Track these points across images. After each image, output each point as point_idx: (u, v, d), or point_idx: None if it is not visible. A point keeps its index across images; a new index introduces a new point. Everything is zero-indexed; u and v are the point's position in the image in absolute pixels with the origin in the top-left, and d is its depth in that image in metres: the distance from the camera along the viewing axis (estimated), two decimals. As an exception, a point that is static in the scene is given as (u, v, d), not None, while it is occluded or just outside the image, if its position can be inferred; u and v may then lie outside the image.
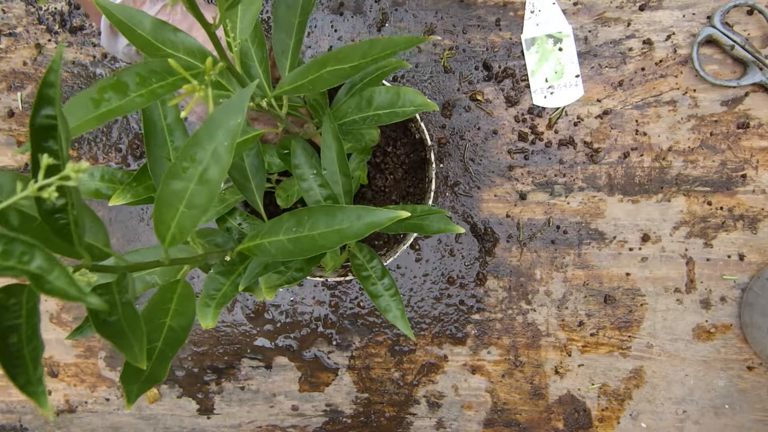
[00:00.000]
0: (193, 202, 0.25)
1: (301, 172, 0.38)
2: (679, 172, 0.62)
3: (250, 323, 0.64)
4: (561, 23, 0.61)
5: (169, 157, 0.32)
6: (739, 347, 0.62)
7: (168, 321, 0.27)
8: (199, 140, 0.24)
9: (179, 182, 0.25)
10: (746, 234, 0.62)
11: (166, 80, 0.25)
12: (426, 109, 0.37)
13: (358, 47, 0.29)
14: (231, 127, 0.24)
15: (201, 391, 0.65)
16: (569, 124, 0.62)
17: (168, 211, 0.25)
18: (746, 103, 0.61)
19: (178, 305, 0.28)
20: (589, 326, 0.63)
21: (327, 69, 0.29)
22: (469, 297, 0.63)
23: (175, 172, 0.25)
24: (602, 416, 0.64)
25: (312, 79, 0.30)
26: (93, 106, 0.24)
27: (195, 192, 0.25)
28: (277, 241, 0.30)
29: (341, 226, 0.29)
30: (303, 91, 0.31)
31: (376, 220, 0.29)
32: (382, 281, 0.40)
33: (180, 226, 0.25)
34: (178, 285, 0.28)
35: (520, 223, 0.62)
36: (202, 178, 0.25)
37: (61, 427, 0.66)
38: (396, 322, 0.39)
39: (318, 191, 0.38)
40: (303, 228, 0.29)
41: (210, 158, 0.24)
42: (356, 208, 0.29)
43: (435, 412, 0.64)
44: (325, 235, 0.29)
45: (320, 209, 0.30)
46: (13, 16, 0.63)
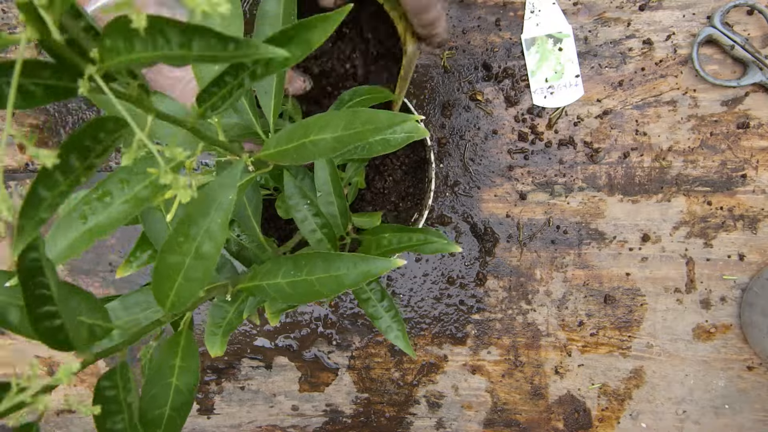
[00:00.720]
0: (190, 276, 0.25)
1: (294, 203, 0.38)
2: (679, 172, 0.62)
3: (250, 323, 0.64)
4: (561, 23, 0.61)
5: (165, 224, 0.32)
6: (739, 347, 0.62)
7: (174, 381, 0.27)
8: (193, 218, 0.24)
9: (175, 257, 0.25)
10: (746, 234, 0.62)
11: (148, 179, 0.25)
12: (419, 136, 0.37)
13: (341, 116, 0.28)
14: (224, 205, 0.24)
15: (201, 391, 0.65)
16: (569, 124, 0.62)
17: (166, 283, 0.25)
18: (746, 103, 0.61)
19: (183, 361, 0.28)
20: (589, 326, 0.63)
21: (310, 139, 0.28)
22: (469, 297, 0.63)
23: (171, 247, 0.25)
24: (602, 416, 0.64)
25: (296, 146, 0.29)
26: (82, 224, 0.24)
27: (191, 266, 0.25)
28: (275, 284, 0.30)
29: (338, 272, 0.29)
30: (288, 160, 0.29)
31: (373, 269, 0.29)
32: (382, 303, 0.40)
33: (179, 296, 0.25)
34: (181, 337, 0.28)
35: (520, 223, 0.62)
36: (197, 253, 0.25)
37: (61, 427, 0.66)
38: (397, 342, 0.39)
39: (312, 221, 0.38)
40: (301, 272, 0.29)
41: (204, 235, 0.24)
42: (353, 257, 0.29)
43: (435, 412, 0.64)
44: (322, 280, 0.29)
45: (318, 255, 0.30)
46: (13, 16, 0.63)
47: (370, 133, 0.27)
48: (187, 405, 0.27)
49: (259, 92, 0.35)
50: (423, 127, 0.37)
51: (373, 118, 0.27)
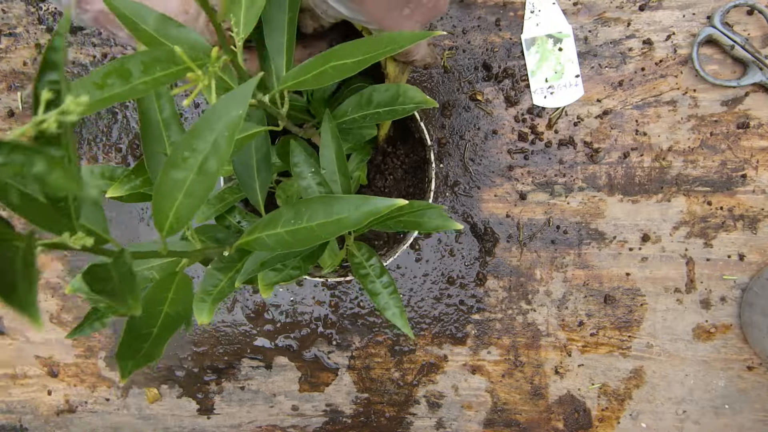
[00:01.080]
0: (192, 192, 0.25)
1: (300, 170, 0.38)
2: (679, 172, 0.62)
3: (250, 323, 0.64)
4: (561, 23, 0.61)
5: (165, 152, 0.32)
6: (739, 347, 0.62)
7: (165, 309, 0.28)
8: (200, 131, 0.24)
9: (179, 172, 0.25)
10: (746, 234, 0.62)
11: (170, 69, 0.25)
12: (426, 105, 0.37)
13: (362, 43, 0.29)
14: (232, 119, 0.24)
15: (201, 391, 0.65)
16: (569, 124, 0.62)
17: (166, 201, 0.25)
18: (746, 103, 0.61)
19: (176, 294, 0.28)
20: (589, 326, 0.63)
21: (330, 64, 0.29)
22: (469, 297, 0.63)
23: (175, 162, 0.25)
24: (602, 416, 0.64)
25: (316, 74, 0.30)
26: (96, 90, 0.24)
27: (194, 182, 0.25)
28: (275, 234, 0.30)
29: (339, 215, 0.29)
30: (307, 86, 0.31)
31: (374, 208, 0.29)
32: (381, 279, 0.40)
33: (178, 215, 0.25)
34: (176, 276, 0.29)
35: (520, 223, 0.62)
36: (201, 168, 0.25)
37: (61, 427, 0.66)
38: (395, 320, 0.39)
39: (316, 189, 0.38)
40: (301, 220, 0.29)
41: (210, 149, 0.24)
42: (354, 197, 0.29)
43: (435, 412, 0.64)
44: (323, 225, 0.29)
45: (318, 200, 0.30)
46: (13, 16, 0.63)
47: (390, 51, 0.28)
48: (174, 325, 0.27)
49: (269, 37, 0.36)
50: (431, 99, 0.37)
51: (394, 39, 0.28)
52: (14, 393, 0.66)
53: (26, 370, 0.66)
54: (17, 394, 0.66)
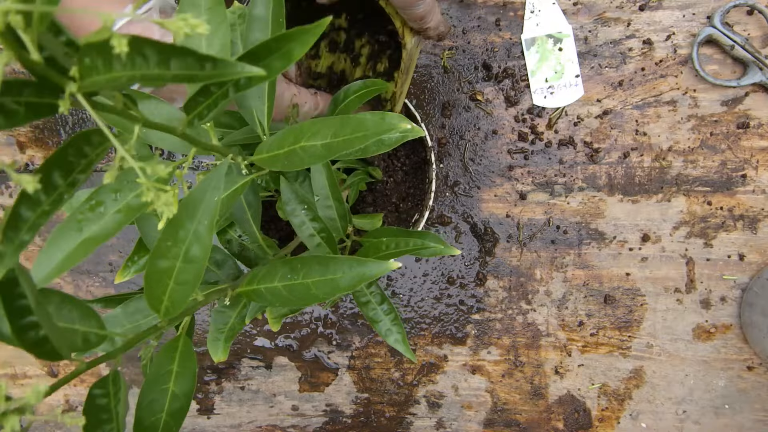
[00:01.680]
0: (181, 279, 0.25)
1: (291, 208, 0.37)
2: (679, 172, 0.62)
3: (250, 323, 0.64)
4: (561, 23, 0.61)
5: None
6: (739, 347, 0.62)
7: (171, 387, 0.27)
8: (180, 221, 0.24)
9: (165, 261, 0.25)
10: (746, 234, 0.62)
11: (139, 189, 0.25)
12: (413, 135, 0.37)
13: (330, 122, 0.28)
14: (210, 207, 0.24)
15: (201, 391, 0.65)
16: (569, 124, 0.62)
17: (158, 287, 0.25)
18: (746, 103, 0.61)
19: (180, 366, 0.28)
20: (589, 326, 0.63)
21: (300, 145, 0.28)
22: (469, 297, 0.63)
23: (160, 252, 0.25)
24: (602, 416, 0.64)
25: (287, 152, 0.29)
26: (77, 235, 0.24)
27: (181, 269, 0.25)
28: (273, 288, 0.30)
29: (334, 276, 0.29)
30: (279, 166, 0.30)
31: (368, 272, 0.29)
32: (382, 306, 0.40)
33: (172, 300, 0.25)
34: (179, 342, 0.28)
35: (520, 223, 0.62)
36: (186, 256, 0.25)
37: (61, 427, 0.66)
38: (397, 346, 0.39)
39: (310, 225, 0.37)
40: (297, 276, 0.29)
41: (192, 237, 0.25)
42: (348, 259, 0.29)
43: (435, 412, 0.64)
44: (318, 284, 0.29)
45: (313, 259, 0.30)
46: (13, 16, 0.63)
47: (358, 140, 0.27)
48: (183, 410, 0.27)
49: (252, 97, 0.35)
50: (418, 127, 0.37)
51: (361, 126, 0.27)
52: (14, 393, 0.66)
53: (26, 370, 0.66)
54: (17, 394, 0.66)
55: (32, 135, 0.64)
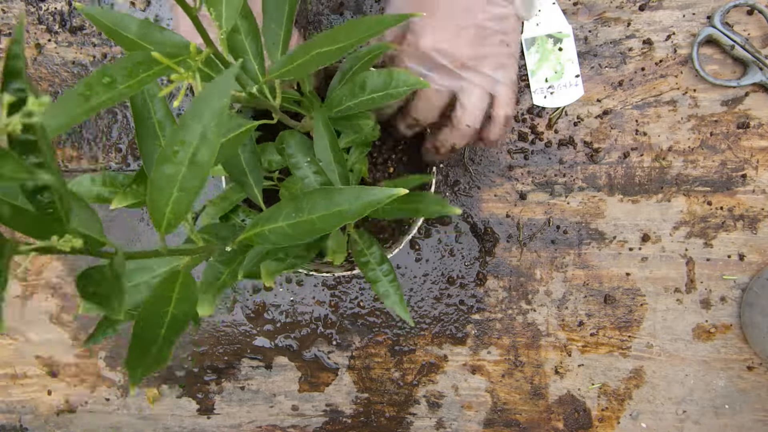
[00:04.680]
0: (186, 186, 0.25)
1: (296, 161, 0.38)
2: (679, 172, 0.62)
3: (250, 323, 0.64)
4: (561, 23, 0.61)
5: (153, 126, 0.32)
6: (739, 347, 0.62)
7: (171, 309, 0.28)
8: (187, 123, 0.25)
9: (170, 166, 0.25)
10: (746, 234, 0.62)
11: (152, 69, 0.26)
12: (419, 86, 0.37)
13: (344, 28, 0.29)
14: (217, 108, 0.24)
15: (201, 391, 0.65)
16: (569, 124, 0.62)
17: (162, 197, 0.25)
18: (746, 103, 0.61)
19: (180, 293, 0.28)
20: (589, 326, 0.63)
21: (314, 52, 0.30)
22: (469, 297, 0.63)
23: (166, 157, 0.25)
24: (602, 416, 0.64)
25: (301, 63, 0.30)
26: (83, 101, 0.24)
27: (187, 175, 0.25)
28: (276, 228, 0.30)
29: (340, 207, 0.29)
30: (293, 75, 0.31)
31: (374, 198, 0.29)
32: (381, 267, 0.40)
33: (175, 210, 0.25)
34: (179, 275, 0.28)
35: (520, 223, 0.62)
36: (192, 160, 0.25)
37: (61, 426, 0.66)
38: (394, 307, 0.39)
39: (313, 178, 0.38)
40: (302, 213, 0.30)
41: (199, 140, 0.25)
42: (354, 188, 0.29)
43: (435, 412, 0.64)
44: (324, 218, 0.29)
45: (318, 192, 0.30)
46: (13, 16, 0.63)
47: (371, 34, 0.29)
48: (182, 325, 0.27)
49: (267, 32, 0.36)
50: (424, 81, 0.37)
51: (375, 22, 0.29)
52: (14, 393, 0.66)
53: (26, 370, 0.66)
54: (17, 394, 0.66)
55: (32, 135, 0.64)
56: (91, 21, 0.29)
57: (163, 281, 0.28)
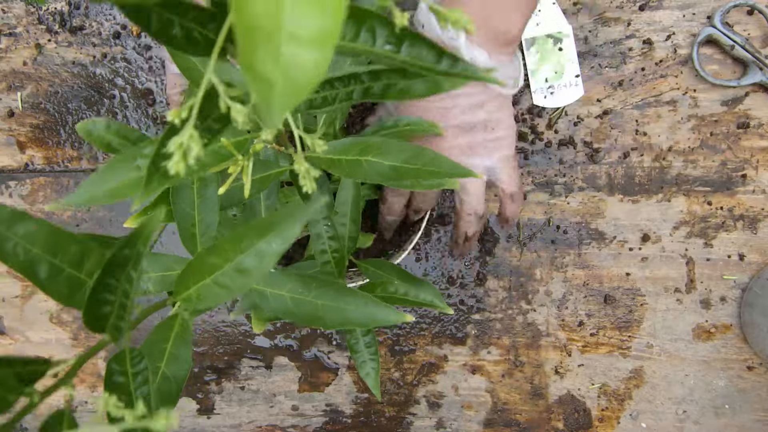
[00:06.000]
0: (222, 282, 0.24)
1: (315, 219, 0.37)
2: (679, 172, 0.62)
3: (250, 323, 0.64)
4: (561, 23, 0.61)
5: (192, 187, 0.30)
6: (739, 347, 0.62)
7: (162, 367, 0.26)
8: (247, 234, 0.24)
9: (215, 258, 0.24)
10: (746, 234, 0.62)
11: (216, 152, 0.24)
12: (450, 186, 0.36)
13: (403, 147, 0.27)
14: (285, 235, 0.23)
15: (201, 391, 0.65)
16: (569, 124, 0.62)
17: (191, 278, 0.24)
18: (746, 103, 0.61)
19: (174, 348, 0.27)
20: (589, 326, 0.63)
21: (366, 158, 0.28)
22: (469, 297, 0.63)
23: (216, 249, 0.24)
24: (602, 416, 0.64)
25: (350, 161, 0.28)
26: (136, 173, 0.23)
27: (227, 274, 0.24)
28: (279, 296, 0.29)
29: (347, 306, 0.28)
30: (338, 171, 0.29)
31: (381, 317, 0.28)
32: (365, 338, 0.39)
33: (199, 294, 0.25)
34: (175, 322, 0.27)
35: (520, 223, 0.62)
36: (238, 265, 0.24)
37: (61, 427, 0.66)
38: (368, 380, 0.39)
39: (327, 242, 0.37)
40: (308, 293, 0.29)
41: (252, 252, 0.24)
42: (364, 297, 0.28)
43: (435, 412, 0.64)
44: (327, 308, 0.28)
45: (329, 283, 0.29)
46: (13, 16, 0.63)
47: (427, 174, 0.26)
48: (173, 396, 0.26)
49: None
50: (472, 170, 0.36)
51: (436, 161, 0.27)
52: (14, 393, 0.66)
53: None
54: (17, 394, 0.66)
55: (32, 135, 0.64)
56: None
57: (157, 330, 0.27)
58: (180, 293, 0.25)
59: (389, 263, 0.42)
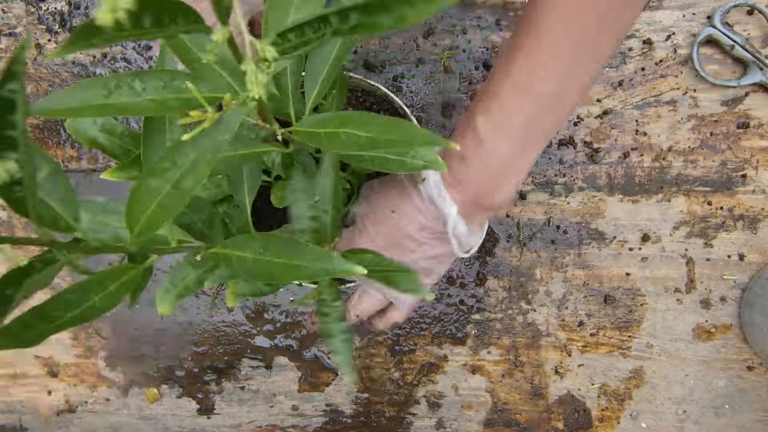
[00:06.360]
0: (165, 203, 0.25)
1: (295, 198, 0.37)
2: (679, 172, 0.62)
3: (250, 323, 0.64)
4: (561, 23, 0.61)
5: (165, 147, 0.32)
6: (739, 347, 0.63)
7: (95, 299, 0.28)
8: (184, 147, 0.25)
9: (156, 180, 0.25)
10: (746, 234, 0.62)
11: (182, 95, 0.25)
12: (436, 169, 0.36)
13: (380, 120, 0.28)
14: (216, 143, 0.24)
15: (201, 391, 0.65)
16: (569, 124, 0.62)
17: (139, 206, 0.25)
18: (746, 103, 0.61)
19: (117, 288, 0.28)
20: (589, 326, 0.63)
21: (345, 130, 0.29)
22: (469, 297, 0.63)
23: (155, 171, 0.25)
24: (602, 416, 0.64)
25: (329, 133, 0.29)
26: (103, 95, 0.24)
27: (169, 194, 0.25)
28: (243, 257, 0.30)
29: (300, 263, 0.29)
30: (315, 143, 0.30)
31: (330, 267, 0.28)
32: (339, 324, 0.39)
33: (149, 222, 0.26)
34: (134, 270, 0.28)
35: (520, 223, 0.63)
36: (177, 183, 0.25)
37: (61, 426, 0.66)
38: (342, 367, 0.39)
39: (307, 221, 0.37)
40: (269, 253, 0.29)
41: (189, 166, 0.25)
42: (319, 251, 0.29)
43: (435, 412, 0.64)
44: (284, 266, 0.29)
45: (288, 241, 0.29)
46: (13, 16, 0.63)
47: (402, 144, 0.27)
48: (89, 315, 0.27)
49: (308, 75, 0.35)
50: (441, 161, 0.36)
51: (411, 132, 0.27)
52: (14, 393, 0.66)
53: (26, 370, 0.66)
54: (17, 394, 0.66)
55: (32, 135, 0.64)
56: None
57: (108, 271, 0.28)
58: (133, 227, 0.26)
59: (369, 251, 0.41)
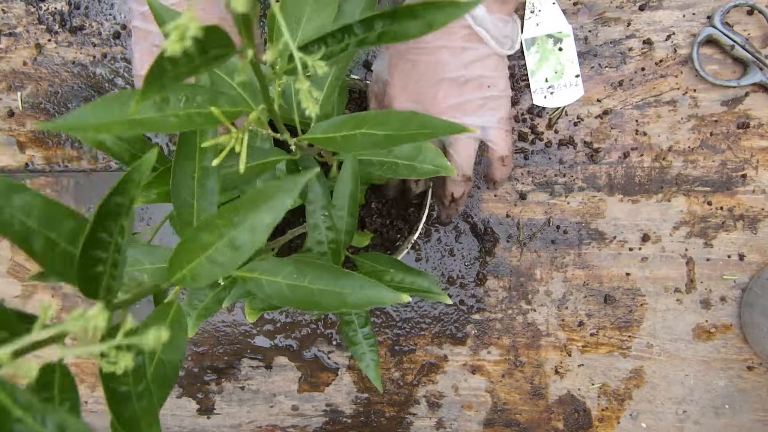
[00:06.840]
0: (215, 260, 0.24)
1: (313, 208, 0.37)
2: (679, 172, 0.62)
3: (251, 323, 0.64)
4: (561, 23, 0.61)
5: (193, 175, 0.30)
6: (739, 347, 0.62)
7: (158, 353, 0.26)
8: (241, 208, 0.23)
9: (208, 236, 0.24)
10: (746, 234, 0.62)
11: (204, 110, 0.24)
12: (445, 172, 0.36)
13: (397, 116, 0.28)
14: (278, 208, 0.23)
15: (201, 391, 0.65)
16: (569, 124, 0.62)
17: (185, 256, 0.24)
18: (746, 103, 0.61)
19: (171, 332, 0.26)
20: (589, 326, 0.63)
21: (362, 130, 0.28)
22: (469, 297, 0.63)
23: (208, 225, 0.24)
24: (602, 416, 0.64)
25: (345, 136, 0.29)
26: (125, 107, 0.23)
27: (220, 250, 0.24)
28: (274, 283, 0.29)
29: (343, 290, 0.28)
30: (333, 147, 0.29)
31: (378, 297, 0.28)
32: (363, 330, 0.39)
33: (193, 274, 0.24)
34: (171, 309, 0.27)
35: (520, 223, 0.62)
36: (231, 241, 0.24)
37: (61, 427, 0.66)
38: (368, 372, 0.39)
39: (324, 232, 0.37)
40: (303, 279, 0.28)
41: (245, 227, 0.23)
42: (360, 278, 0.28)
43: (435, 412, 0.64)
44: (324, 292, 0.28)
45: (323, 267, 0.29)
46: (13, 16, 0.63)
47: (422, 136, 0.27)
48: (168, 381, 0.26)
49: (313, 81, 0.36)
50: (450, 165, 0.36)
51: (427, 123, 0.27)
52: (14, 393, 0.66)
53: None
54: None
55: (32, 135, 0.64)
56: None
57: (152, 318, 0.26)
58: (174, 273, 0.25)
59: (386, 256, 0.41)
